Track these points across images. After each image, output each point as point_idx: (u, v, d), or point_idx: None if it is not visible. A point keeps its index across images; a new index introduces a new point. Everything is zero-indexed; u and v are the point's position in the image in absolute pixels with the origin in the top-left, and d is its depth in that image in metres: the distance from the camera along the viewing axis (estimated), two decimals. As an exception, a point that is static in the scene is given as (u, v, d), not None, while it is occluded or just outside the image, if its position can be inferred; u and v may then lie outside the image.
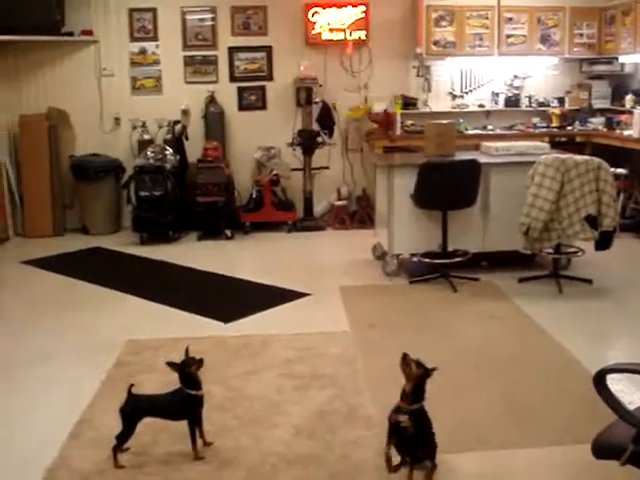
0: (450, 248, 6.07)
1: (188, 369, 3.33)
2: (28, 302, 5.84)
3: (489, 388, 4.00)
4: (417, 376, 3.05)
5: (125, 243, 7.76)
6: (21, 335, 5.07)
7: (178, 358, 3.43)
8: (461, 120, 8.39)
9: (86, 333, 5.06)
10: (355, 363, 4.40)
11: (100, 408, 3.85)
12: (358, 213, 8.47)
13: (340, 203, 8.48)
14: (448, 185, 5.80)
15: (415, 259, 6.21)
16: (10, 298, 5.98)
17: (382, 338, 4.84)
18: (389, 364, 4.09)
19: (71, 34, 8.26)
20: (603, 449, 2.30)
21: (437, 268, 6.03)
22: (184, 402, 3.31)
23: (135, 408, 3.30)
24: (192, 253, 7.30)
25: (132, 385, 3.34)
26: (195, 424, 3.33)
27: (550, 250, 5.94)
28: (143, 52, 8.47)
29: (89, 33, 8.34)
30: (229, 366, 4.36)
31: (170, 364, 3.35)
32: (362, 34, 8.39)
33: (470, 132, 8.45)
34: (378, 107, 8.42)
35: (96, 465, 3.27)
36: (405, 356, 3.10)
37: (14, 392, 4.14)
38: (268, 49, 8.52)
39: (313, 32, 8.36)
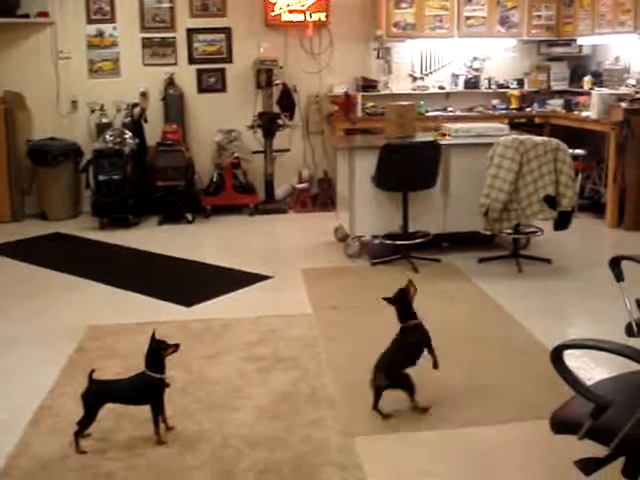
0: (411, 229, 6.10)
1: (164, 351, 3.31)
2: (-14, 289, 5.75)
3: (450, 367, 4.03)
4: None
5: (85, 228, 7.67)
6: (-21, 322, 5.00)
7: (140, 343, 3.40)
8: (421, 102, 8.40)
9: (46, 320, 5.00)
10: (317, 345, 4.41)
11: (61, 394, 3.81)
12: (320, 196, 8.47)
13: (301, 186, 8.47)
14: (408, 167, 5.82)
15: (376, 241, 6.23)
16: (-33, 285, 5.89)
17: (344, 320, 4.85)
18: (351, 345, 4.13)
19: (27, 16, 8.09)
20: (561, 424, 2.33)
21: (398, 249, 6.06)
22: (146, 386, 3.29)
23: (96, 393, 3.27)
24: (153, 237, 7.24)
25: (93, 371, 3.31)
26: (157, 409, 3.31)
27: (509, 230, 6.00)
28: (100, 34, 8.33)
29: (45, 15, 8.18)
30: (191, 350, 4.33)
31: (153, 339, 3.32)
32: (322, 16, 8.33)
33: (430, 114, 8.47)
34: (339, 89, 8.41)
35: (58, 451, 3.25)
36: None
37: (-28, 380, 4.09)
38: (227, 31, 8.44)
39: (273, 13, 8.29)
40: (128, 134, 7.84)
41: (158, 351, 3.31)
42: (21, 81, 8.23)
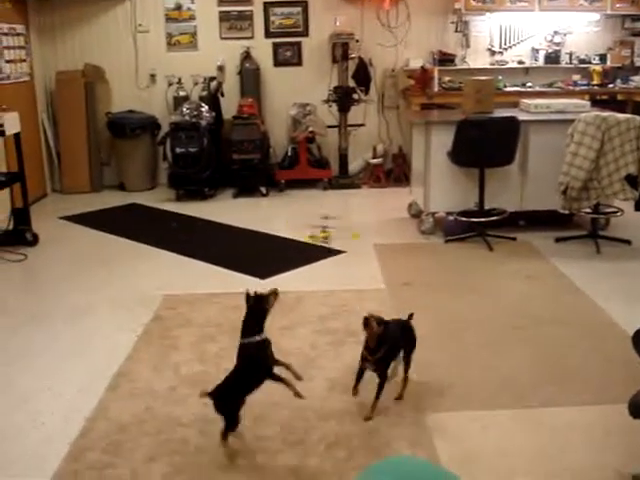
0: (487, 207, 6.01)
1: (267, 306, 3.11)
2: (66, 257, 5.92)
3: (526, 348, 3.98)
4: (378, 334, 3.26)
5: (161, 199, 7.81)
6: (59, 290, 5.14)
7: (214, 313, 3.44)
8: (500, 77, 8.25)
9: (123, 288, 5.12)
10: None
11: (137, 361, 3.91)
12: (394, 171, 8.42)
13: (376, 161, 8.42)
14: (486, 142, 5.73)
15: (451, 217, 6.16)
16: (48, 253, 6.05)
17: (417, 296, 4.83)
18: (423, 322, 4.10)
19: (107, -10, 8.25)
20: (641, 408, 2.28)
21: (473, 227, 5.98)
22: (257, 356, 3.10)
23: (225, 399, 3.03)
24: (227, 210, 7.32)
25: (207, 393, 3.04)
26: (271, 373, 3.08)
27: (588, 210, 5.86)
28: (178, 8, 8.42)
29: (124, -12, 8.32)
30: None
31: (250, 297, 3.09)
32: (400, -11, 8.25)
33: (509, 89, 8.31)
34: (415, 63, 8.31)
35: (134, 416, 3.33)
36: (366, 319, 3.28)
37: (54, 345, 4.22)
38: (304, 4, 8.42)
39: (350, -14, 8.25)
40: (205, 107, 7.93)
41: (259, 311, 3.12)
42: (101, 54, 8.41)
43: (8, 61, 7.55)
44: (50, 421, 3.35)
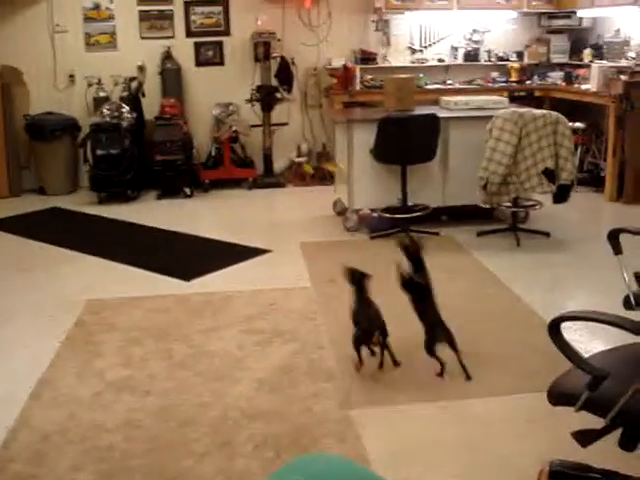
0: (410, 203, 6.09)
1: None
2: (-16, 263, 5.76)
3: (449, 340, 4.05)
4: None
5: (83, 203, 7.66)
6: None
7: (139, 317, 3.39)
8: (420, 75, 8.35)
9: (45, 294, 5.01)
10: (316, 318, 4.42)
11: (60, 368, 3.83)
12: (318, 169, 8.44)
13: (300, 159, 8.44)
14: (407, 139, 5.81)
15: (375, 214, 6.23)
16: (-34, 260, 5.88)
17: (342, 293, 4.80)
18: (349, 318, 4.12)
19: (22, -12, 8.04)
20: (559, 396, 2.34)
21: (397, 223, 6.05)
22: None
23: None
24: (151, 212, 7.23)
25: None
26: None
27: (508, 204, 5.99)
28: (97, 7, 8.26)
29: (41, -13, 8.13)
30: (191, 324, 4.35)
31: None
32: (320, -13, 8.28)
33: (429, 87, 8.43)
34: (337, 62, 8.36)
35: (58, 424, 3.27)
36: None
37: (-28, 354, 4.10)
38: (225, 3, 8.37)
39: (270, -15, 8.24)
40: (126, 108, 7.81)
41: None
42: (17, 55, 8.18)
43: None
44: (-31, 433, 3.26)
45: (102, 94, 8.19)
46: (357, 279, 3.78)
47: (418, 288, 3.74)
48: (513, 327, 4.25)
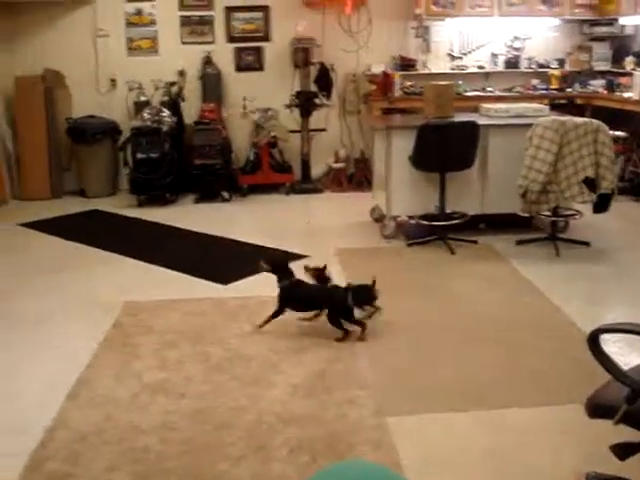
0: (448, 210, 6.06)
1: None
2: (26, 264, 5.84)
3: (487, 350, 4.02)
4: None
5: (122, 205, 7.75)
6: (19, 297, 5.07)
7: (175, 320, 3.42)
8: (460, 82, 8.33)
9: (83, 295, 5.07)
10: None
11: (98, 369, 3.87)
12: (356, 175, 8.45)
13: (338, 165, 8.45)
14: (446, 147, 5.78)
15: (413, 221, 6.21)
16: (8, 260, 5.97)
17: (378, 300, 4.84)
18: (385, 324, 4.13)
19: (67, -6, 8.17)
20: (597, 408, 2.31)
21: (435, 230, 6.02)
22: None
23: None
24: (189, 215, 7.29)
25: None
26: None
27: (548, 213, 5.94)
28: (139, 12, 8.37)
29: (85, -7, 8.26)
30: (227, 327, 4.38)
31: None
32: (361, -7, 8.29)
33: (469, 94, 8.39)
34: (376, 68, 8.36)
35: (95, 425, 3.30)
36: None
37: (12, 353, 4.16)
38: (265, 9, 8.42)
39: (311, -9, 8.28)
40: (166, 112, 7.89)
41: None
42: (61, 59, 8.31)
43: (-35, 66, 7.45)
44: (8, 433, 3.30)
45: (143, 98, 8.28)
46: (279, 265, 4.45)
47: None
48: (551, 337, 4.20)
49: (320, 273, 4.47)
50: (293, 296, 4.34)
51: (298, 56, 8.16)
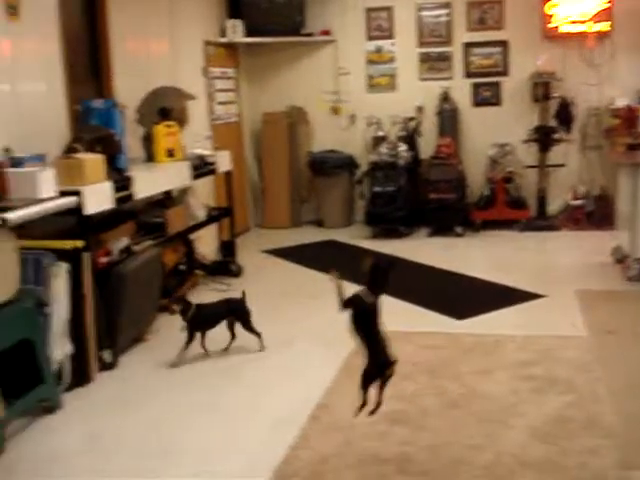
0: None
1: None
2: (267, 289, 6.19)
3: None
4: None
5: (357, 236, 7.99)
6: (262, 320, 5.33)
7: (410, 352, 3.43)
8: None
9: (323, 321, 5.23)
10: (593, 370, 4.23)
11: (337, 394, 4.01)
12: (595, 213, 8.11)
13: (576, 202, 8.17)
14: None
15: (659, 263, 5.87)
16: (251, 284, 6.31)
17: (622, 345, 4.62)
18: (630, 373, 3.93)
19: (310, 34, 8.63)
20: None
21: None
22: None
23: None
24: (422, 249, 7.36)
25: None
26: None
27: None
28: (379, 50, 8.65)
29: (327, 33, 8.68)
30: (462, 363, 4.37)
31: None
32: (605, 25, 8.01)
33: None
34: (620, 102, 8.02)
35: (335, 448, 3.42)
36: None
37: (259, 373, 4.43)
38: (504, 44, 8.39)
39: (550, 25, 8.13)
40: (403, 147, 8.06)
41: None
42: (304, 97, 8.77)
43: (220, 103, 8.06)
44: (253, 447, 3.51)
45: (380, 133, 8.51)
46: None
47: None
48: None
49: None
50: None
51: (538, 90, 8.04)
